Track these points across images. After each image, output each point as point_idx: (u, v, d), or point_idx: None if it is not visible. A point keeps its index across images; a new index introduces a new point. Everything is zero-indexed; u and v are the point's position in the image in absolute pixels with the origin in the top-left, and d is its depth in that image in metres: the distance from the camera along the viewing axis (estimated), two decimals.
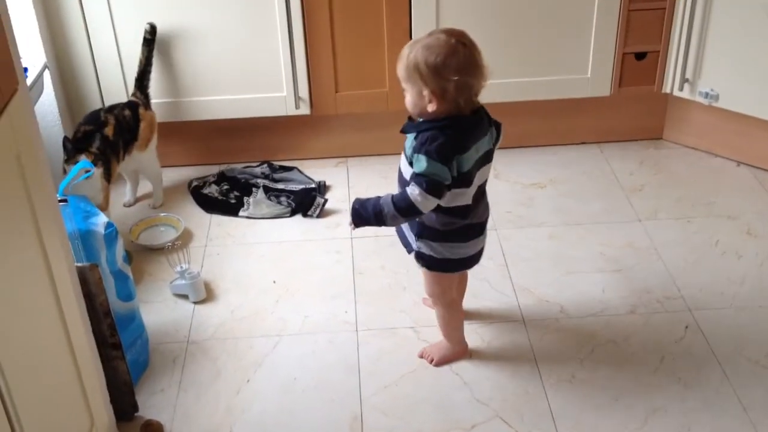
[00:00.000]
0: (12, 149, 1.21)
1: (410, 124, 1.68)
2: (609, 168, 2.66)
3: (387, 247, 2.25)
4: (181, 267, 2.13)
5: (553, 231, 2.37)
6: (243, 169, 2.68)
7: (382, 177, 2.64)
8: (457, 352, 1.93)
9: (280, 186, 2.59)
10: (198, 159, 2.74)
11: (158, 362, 1.94)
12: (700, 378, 1.85)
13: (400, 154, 2.78)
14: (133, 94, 2.44)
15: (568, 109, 2.72)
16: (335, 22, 2.46)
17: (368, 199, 1.71)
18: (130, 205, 2.54)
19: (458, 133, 1.61)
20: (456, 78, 1.57)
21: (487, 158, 1.70)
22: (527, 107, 2.68)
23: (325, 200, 2.50)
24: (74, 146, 2.16)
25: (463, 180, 1.64)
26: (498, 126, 1.75)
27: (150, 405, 1.82)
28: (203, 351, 1.97)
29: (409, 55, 1.60)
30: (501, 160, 2.69)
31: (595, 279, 2.18)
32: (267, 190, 2.55)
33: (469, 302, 2.08)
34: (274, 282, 2.20)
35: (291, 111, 2.58)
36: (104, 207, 2.20)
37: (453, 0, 2.43)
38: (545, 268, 2.22)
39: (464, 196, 1.68)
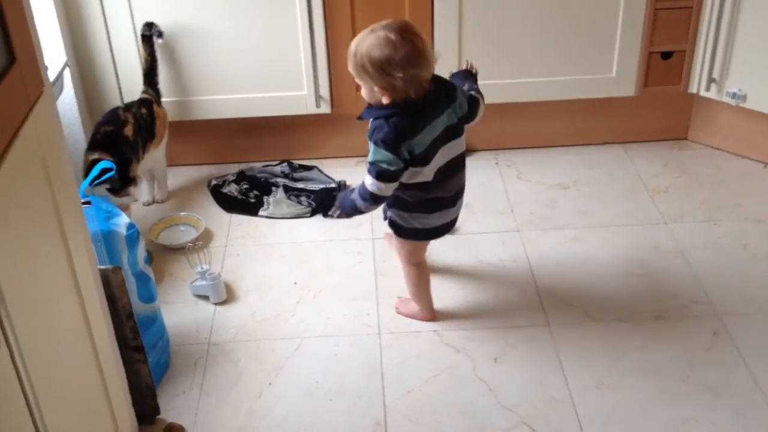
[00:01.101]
0: (38, 152, 1.19)
1: (366, 110, 1.77)
2: (633, 169, 2.63)
3: None
4: (202, 267, 2.11)
5: (577, 233, 2.34)
6: (263, 168, 2.66)
7: None
8: (423, 316, 2.03)
9: (300, 185, 2.56)
10: (217, 157, 2.72)
11: (179, 364, 1.93)
12: (730, 386, 1.82)
13: None
14: (144, 91, 2.42)
15: (592, 109, 2.68)
16: (357, 20, 2.43)
17: (346, 194, 1.84)
18: (149, 204, 2.53)
19: (404, 120, 1.69)
20: (401, 74, 1.64)
21: (450, 134, 1.76)
22: (550, 107, 2.65)
23: None
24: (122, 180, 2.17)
25: (419, 160, 1.72)
26: (474, 100, 1.82)
27: (171, 408, 1.81)
28: (224, 353, 1.95)
29: (355, 54, 1.69)
30: (523, 160, 2.67)
31: (620, 282, 2.14)
32: (287, 189, 2.52)
33: (492, 304, 2.05)
34: (295, 283, 2.18)
35: (311, 110, 2.55)
36: (126, 207, 2.18)
37: (475, 1, 2.40)
38: (570, 271, 2.19)
39: (422, 174, 1.75)
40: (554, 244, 2.29)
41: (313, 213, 2.46)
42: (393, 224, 1.90)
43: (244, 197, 2.52)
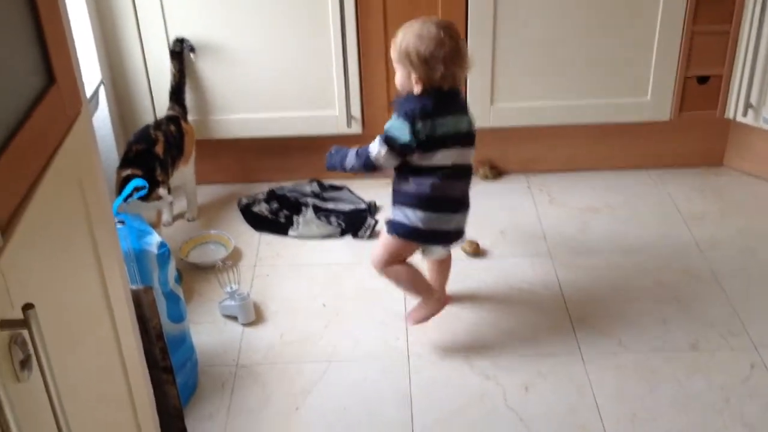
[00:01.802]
0: (74, 172, 1.18)
1: (398, 100, 1.86)
2: (667, 194, 2.59)
3: None
4: (231, 287, 2.11)
5: (610, 259, 2.30)
6: (293, 187, 2.65)
7: None
8: (436, 307, 2.01)
9: (330, 206, 2.55)
10: (246, 176, 2.72)
11: (207, 385, 1.91)
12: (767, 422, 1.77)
13: None
14: (171, 108, 2.42)
15: (626, 133, 2.65)
16: (389, 40, 2.42)
17: (336, 151, 1.92)
18: (169, 224, 2.52)
19: (432, 101, 1.78)
20: (442, 68, 1.75)
21: (467, 140, 1.85)
22: (583, 130, 2.62)
23: (376, 221, 2.46)
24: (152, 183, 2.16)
25: (438, 142, 1.78)
26: (474, 131, 1.89)
27: (199, 431, 1.79)
28: (253, 375, 1.94)
29: (402, 41, 1.80)
30: (555, 184, 2.64)
31: (654, 311, 2.10)
32: (317, 209, 2.51)
33: (523, 331, 2.02)
34: (324, 305, 2.16)
35: (342, 130, 2.55)
36: (157, 224, 2.19)
37: (509, 24, 2.39)
38: (602, 298, 2.15)
39: (438, 158, 1.80)
40: (587, 270, 2.26)
41: (343, 233, 2.44)
42: (391, 223, 1.90)
43: (274, 217, 2.51)
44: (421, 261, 2.05)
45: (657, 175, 2.69)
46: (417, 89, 1.79)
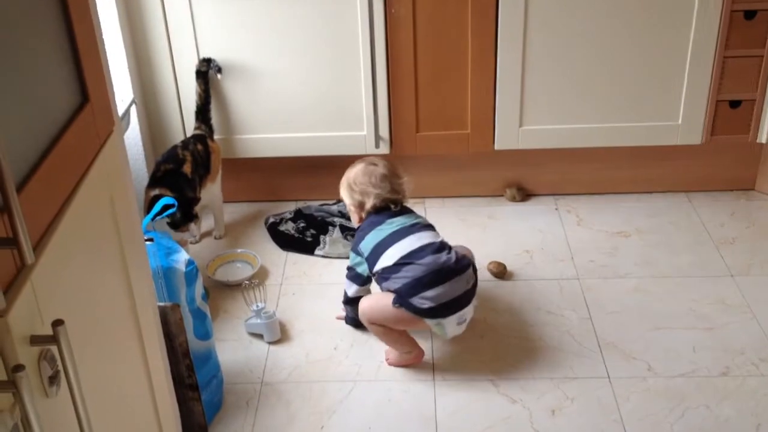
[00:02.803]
0: (106, 190, 1.20)
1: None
2: (698, 219, 2.56)
3: None
4: (257, 306, 2.11)
5: (639, 283, 2.28)
6: (320, 206, 2.66)
7: (460, 219, 2.59)
8: (415, 357, 2.00)
9: None
10: (273, 195, 2.73)
11: (232, 403, 1.91)
12: None
13: (479, 196, 2.75)
14: (198, 127, 2.45)
15: (656, 156, 2.63)
16: (419, 63, 2.44)
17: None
18: (196, 242, 2.54)
19: (367, 225, 2.01)
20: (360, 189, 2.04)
21: (413, 229, 1.98)
22: (612, 152, 2.61)
23: None
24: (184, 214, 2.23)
25: (382, 246, 1.96)
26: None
27: None
28: (277, 394, 1.94)
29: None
30: (584, 206, 2.63)
31: (684, 336, 2.07)
32: (343, 229, 2.52)
33: (550, 354, 2.00)
34: (349, 325, 2.16)
35: (371, 150, 2.55)
36: (184, 242, 2.20)
37: (539, 46, 2.38)
38: (631, 323, 2.13)
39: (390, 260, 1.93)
40: (615, 294, 2.23)
41: None
42: (400, 297, 1.91)
43: (301, 236, 2.52)
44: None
45: (688, 199, 2.66)
46: (354, 219, 2.09)
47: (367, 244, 1.98)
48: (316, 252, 2.46)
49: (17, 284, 0.87)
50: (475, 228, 2.54)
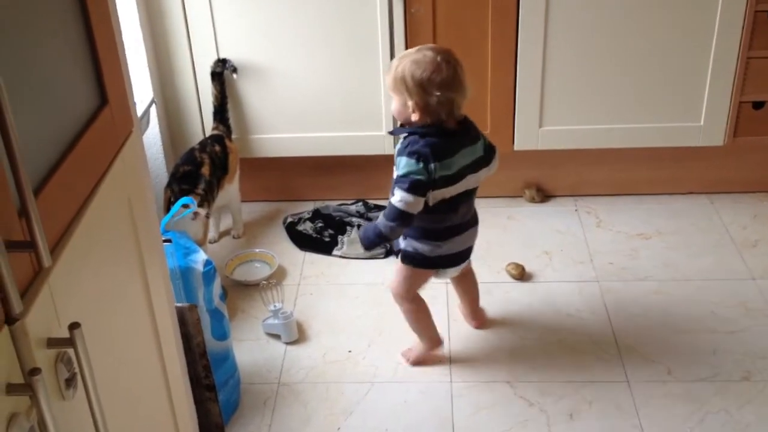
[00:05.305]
0: (124, 191, 1.20)
1: (398, 129, 1.85)
2: (720, 221, 2.53)
3: (483, 294, 2.17)
4: (275, 306, 2.11)
5: (660, 286, 2.26)
6: (338, 206, 2.66)
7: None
8: (430, 347, 1.99)
9: None
10: (291, 194, 2.73)
11: (249, 403, 1.92)
12: None
13: (498, 196, 2.73)
14: (215, 128, 2.45)
15: (677, 157, 2.61)
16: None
17: (367, 225, 1.88)
18: (215, 241, 2.55)
19: (439, 139, 1.74)
20: (438, 93, 1.71)
21: (475, 167, 1.81)
22: (632, 153, 2.58)
23: None
24: (180, 188, 2.18)
25: (447, 181, 1.76)
26: (493, 149, 1.88)
27: None
28: (294, 394, 1.94)
29: (397, 67, 1.76)
30: (603, 208, 2.61)
31: (705, 340, 2.05)
32: None
33: (568, 357, 1.99)
34: (367, 325, 2.15)
35: (389, 150, 2.54)
36: (203, 242, 2.21)
37: (560, 46, 2.37)
38: (651, 326, 2.11)
39: (446, 196, 1.78)
40: (635, 297, 2.22)
41: (387, 254, 2.44)
42: (403, 252, 1.91)
43: (319, 236, 2.52)
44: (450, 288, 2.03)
45: (709, 201, 2.63)
46: (414, 117, 1.75)
47: (457, 162, 1.77)
48: (334, 252, 2.46)
49: (34, 287, 0.87)
50: (493, 229, 2.52)
